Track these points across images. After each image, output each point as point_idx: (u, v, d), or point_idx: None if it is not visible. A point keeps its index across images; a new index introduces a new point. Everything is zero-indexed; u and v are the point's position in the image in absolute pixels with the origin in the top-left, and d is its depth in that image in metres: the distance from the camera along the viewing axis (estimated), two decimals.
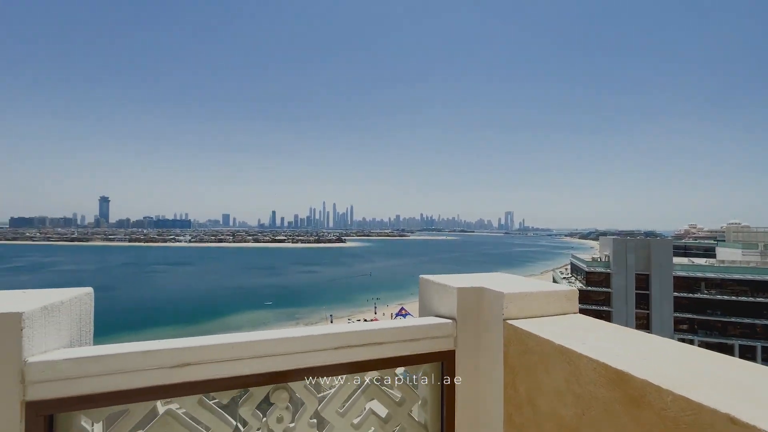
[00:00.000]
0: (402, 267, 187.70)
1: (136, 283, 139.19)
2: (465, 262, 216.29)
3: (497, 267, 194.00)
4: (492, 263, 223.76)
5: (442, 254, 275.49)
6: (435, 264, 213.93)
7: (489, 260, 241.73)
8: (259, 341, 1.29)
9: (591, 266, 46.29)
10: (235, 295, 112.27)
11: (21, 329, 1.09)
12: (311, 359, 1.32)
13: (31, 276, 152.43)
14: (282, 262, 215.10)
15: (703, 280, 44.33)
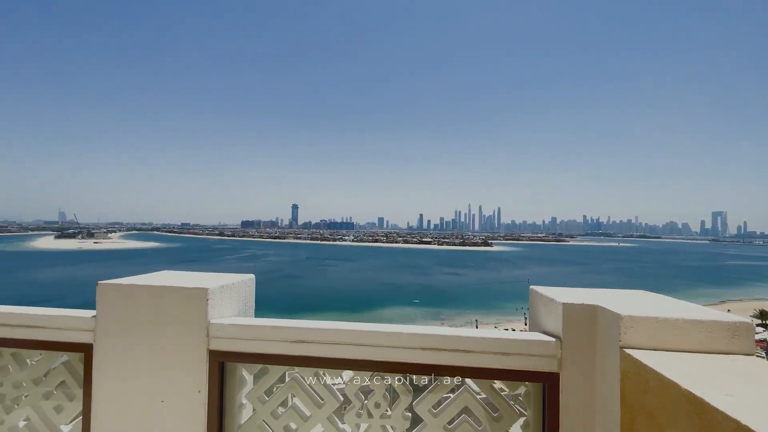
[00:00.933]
0: (556, 276, 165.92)
1: (314, 273, 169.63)
2: (642, 276, 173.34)
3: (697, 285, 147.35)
4: (689, 279, 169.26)
5: (611, 263, 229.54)
6: (598, 275, 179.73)
7: (685, 275, 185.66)
8: (356, 331, 1.48)
9: None
10: (387, 290, 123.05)
11: (207, 299, 1.60)
12: (400, 355, 1.43)
13: (250, 263, 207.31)
14: (428, 263, 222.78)
15: None
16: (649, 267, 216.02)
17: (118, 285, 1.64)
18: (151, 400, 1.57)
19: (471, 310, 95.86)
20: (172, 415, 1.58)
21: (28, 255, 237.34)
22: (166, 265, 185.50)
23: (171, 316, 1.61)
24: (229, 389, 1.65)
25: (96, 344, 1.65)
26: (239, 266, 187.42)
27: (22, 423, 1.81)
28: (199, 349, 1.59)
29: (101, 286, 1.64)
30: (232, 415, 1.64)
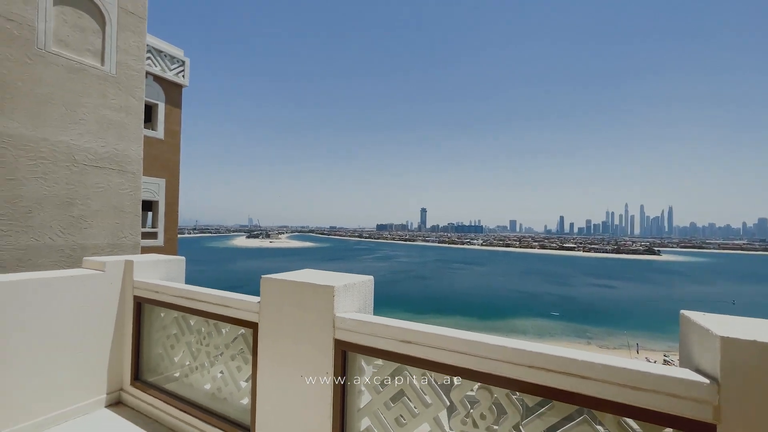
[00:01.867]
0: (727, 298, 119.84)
1: (441, 276, 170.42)
2: None
3: None
4: None
5: None
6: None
7: None
8: (458, 339, 1.50)
9: None
10: (519, 299, 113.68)
11: (333, 296, 1.91)
12: (505, 369, 1.37)
13: (383, 263, 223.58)
14: (570, 272, 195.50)
15: None
16: None
17: (274, 279, 2.14)
18: (294, 374, 1.97)
19: (628, 331, 79.45)
20: (309, 390, 1.98)
21: (230, 250, 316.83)
22: (318, 261, 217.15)
23: (308, 306, 2.00)
24: (350, 375, 1.92)
25: (260, 324, 2.19)
26: (374, 265, 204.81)
27: (218, 374, 2.60)
28: (328, 337, 1.89)
29: (264, 279, 2.18)
30: (353, 400, 1.91)
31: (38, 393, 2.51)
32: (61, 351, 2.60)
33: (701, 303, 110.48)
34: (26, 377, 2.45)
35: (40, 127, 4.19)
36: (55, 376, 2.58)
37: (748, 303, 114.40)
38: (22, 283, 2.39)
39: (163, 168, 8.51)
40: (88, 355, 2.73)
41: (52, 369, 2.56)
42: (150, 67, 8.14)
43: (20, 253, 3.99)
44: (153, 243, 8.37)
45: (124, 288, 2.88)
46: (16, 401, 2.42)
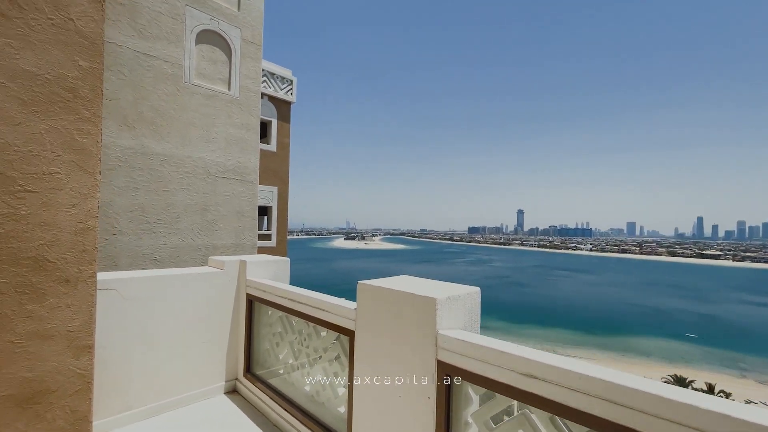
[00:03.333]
0: None
1: (542, 283, 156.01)
2: None
3: None
4: None
5: None
6: None
7: None
8: (614, 385, 1.14)
9: None
10: (640, 314, 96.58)
11: (435, 309, 1.70)
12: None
13: (476, 267, 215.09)
14: (714, 285, 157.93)
15: None
16: None
17: (370, 286, 2.01)
18: (391, 393, 1.85)
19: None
20: (406, 413, 1.79)
21: (330, 251, 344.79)
22: (410, 263, 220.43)
23: (407, 319, 1.81)
24: (455, 403, 1.67)
25: (356, 332, 2.10)
26: (466, 269, 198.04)
27: (317, 377, 2.57)
28: (429, 357, 1.71)
29: (361, 286, 2.07)
30: (458, 431, 1.67)
31: (175, 375, 2.88)
32: (192, 339, 2.95)
33: None
34: (167, 361, 2.83)
35: (186, 147, 5.04)
36: (188, 362, 2.94)
37: None
38: (163, 279, 2.79)
39: (276, 177, 9.51)
40: (211, 345, 3.08)
41: (186, 355, 2.93)
42: (265, 89, 9.23)
43: (171, 251, 4.85)
44: (267, 244, 9.39)
45: (239, 286, 3.16)
46: (159, 381, 2.80)
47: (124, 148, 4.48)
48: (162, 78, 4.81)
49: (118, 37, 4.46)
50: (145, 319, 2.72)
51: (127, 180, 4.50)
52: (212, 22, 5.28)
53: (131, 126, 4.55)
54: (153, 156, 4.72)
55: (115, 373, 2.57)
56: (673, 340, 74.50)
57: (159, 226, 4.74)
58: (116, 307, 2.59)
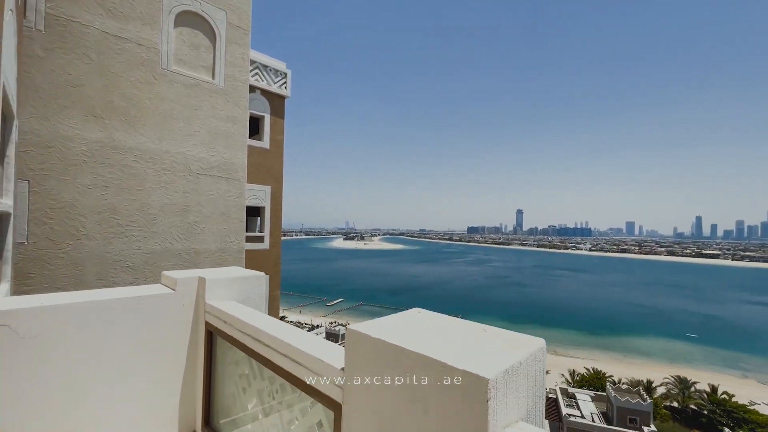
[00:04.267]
0: None
1: (542, 283, 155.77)
2: None
3: None
4: None
5: None
6: None
7: None
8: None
9: None
10: (641, 314, 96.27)
11: (486, 397, 0.89)
12: None
13: (476, 267, 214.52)
14: (713, 285, 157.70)
15: None
16: None
17: (366, 337, 1.20)
18: None
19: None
20: None
21: (329, 251, 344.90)
22: (409, 263, 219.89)
23: (433, 412, 1.00)
24: None
25: (345, 407, 1.33)
26: (466, 269, 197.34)
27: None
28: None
29: (350, 333, 1.25)
30: None
31: (108, 428, 2.06)
32: (130, 384, 2.13)
33: None
34: (93, 416, 2.00)
35: (164, 140, 4.54)
36: (124, 415, 2.12)
37: None
38: (83, 307, 1.93)
39: (269, 175, 9.01)
40: (158, 390, 2.24)
41: (121, 405, 2.11)
42: (257, 82, 8.73)
43: (147, 257, 4.35)
44: (260, 246, 8.89)
45: (197, 311, 2.32)
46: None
47: (90, 141, 3.97)
48: (135, 63, 4.31)
49: (83, 16, 3.96)
50: (56, 363, 1.87)
51: (94, 177, 3.99)
52: (194, 3, 4.77)
53: (99, 116, 4.04)
54: (125, 150, 4.22)
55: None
56: (674, 340, 74.08)
57: (132, 228, 4.23)
58: (7, 348, 1.74)
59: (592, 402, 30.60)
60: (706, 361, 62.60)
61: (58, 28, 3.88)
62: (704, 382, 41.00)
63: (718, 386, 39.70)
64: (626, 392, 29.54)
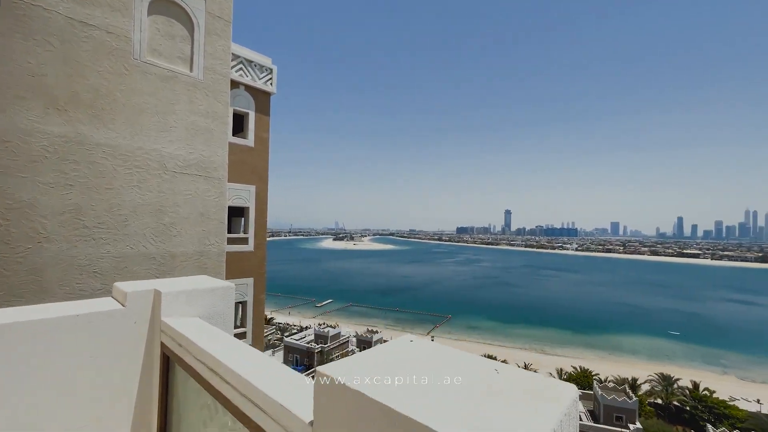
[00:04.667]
0: None
1: (530, 283, 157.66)
2: None
3: None
4: None
5: None
6: None
7: None
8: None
9: None
10: (626, 313, 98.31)
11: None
12: None
13: (465, 267, 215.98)
14: (694, 283, 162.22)
15: None
16: None
17: (342, 388, 0.87)
18: None
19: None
20: None
21: (318, 251, 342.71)
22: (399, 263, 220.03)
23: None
24: None
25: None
26: (455, 269, 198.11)
27: None
28: None
29: (321, 378, 0.92)
30: None
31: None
32: (72, 415, 1.76)
33: None
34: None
35: (137, 136, 4.23)
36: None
37: None
38: (16, 327, 1.58)
39: (254, 174, 8.71)
40: (107, 421, 1.87)
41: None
42: (242, 78, 8.41)
43: (117, 262, 4.04)
44: (244, 248, 8.58)
45: (152, 331, 1.95)
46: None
47: (52, 135, 3.65)
48: (104, 52, 3.99)
49: (45, 0, 3.64)
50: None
51: (57, 175, 3.67)
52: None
53: (62, 109, 3.72)
54: (92, 146, 3.90)
55: None
56: (657, 338, 75.77)
57: (100, 231, 3.92)
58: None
59: (579, 401, 30.98)
60: (688, 358, 64.18)
61: (17, 12, 3.55)
62: (686, 379, 41.96)
63: (700, 383, 40.65)
64: (612, 390, 29.96)
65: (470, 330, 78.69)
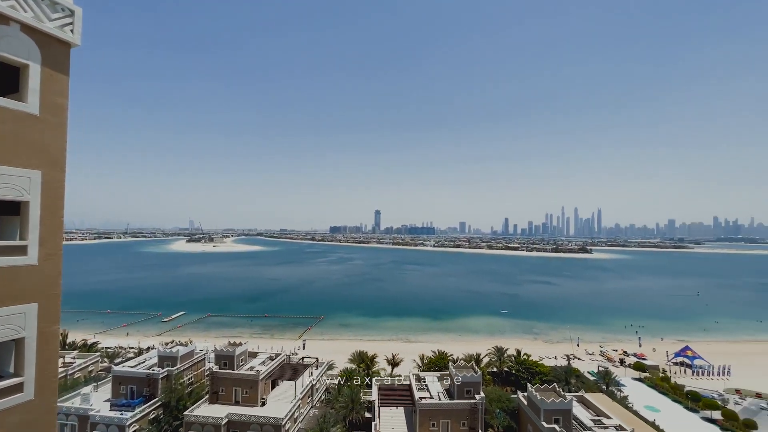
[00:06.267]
0: (680, 290, 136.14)
1: (396, 278, 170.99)
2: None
3: None
4: None
5: (764, 278, 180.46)
6: (748, 291, 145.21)
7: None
8: None
9: None
10: (471, 298, 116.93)
11: None
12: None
13: (339, 266, 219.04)
14: (516, 271, 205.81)
15: None
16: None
17: None
18: None
19: (569, 325, 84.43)
20: None
21: (168, 255, 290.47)
22: (269, 265, 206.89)
23: None
24: None
25: None
26: (329, 269, 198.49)
27: None
28: None
29: None
30: None
31: None
32: None
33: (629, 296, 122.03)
34: None
35: None
36: None
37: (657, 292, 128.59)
38: None
39: (40, 155, 6.12)
40: None
41: None
42: (16, 12, 5.77)
43: None
44: (20, 262, 5.95)
45: None
46: None
47: None
48: None
49: None
50: None
51: None
52: None
53: None
54: None
55: None
56: (493, 317, 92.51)
57: None
58: None
59: (438, 382, 34.67)
60: (513, 331, 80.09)
61: None
62: (513, 348, 52.09)
63: (521, 349, 51.08)
64: (463, 368, 34.59)
65: (342, 328, 79.92)
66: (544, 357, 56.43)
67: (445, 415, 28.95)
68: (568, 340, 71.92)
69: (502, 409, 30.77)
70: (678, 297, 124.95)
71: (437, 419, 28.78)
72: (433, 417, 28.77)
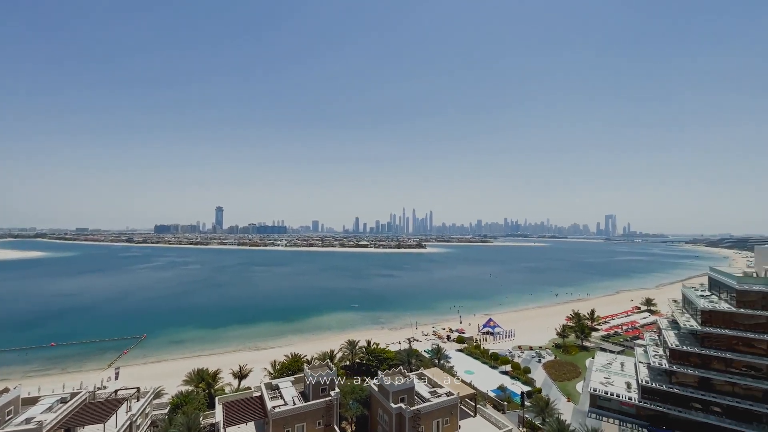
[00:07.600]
0: (481, 274, 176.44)
1: (243, 281, 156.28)
2: (556, 272, 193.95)
3: (597, 278, 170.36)
4: (590, 273, 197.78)
5: (530, 262, 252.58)
6: (523, 273, 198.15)
7: (587, 270, 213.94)
8: None
9: (745, 283, 35.21)
10: (324, 296, 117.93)
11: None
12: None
13: (168, 272, 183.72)
14: (366, 266, 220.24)
15: None
16: (562, 264, 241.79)
17: None
18: None
19: (409, 312, 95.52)
20: None
21: None
22: (57, 277, 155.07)
23: None
24: None
25: None
26: (156, 276, 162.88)
27: None
28: None
29: None
30: None
31: None
32: None
33: (452, 282, 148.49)
34: None
35: None
36: None
37: (468, 277, 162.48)
38: None
39: None
40: None
41: None
42: None
43: None
44: None
45: None
46: None
47: None
48: None
49: None
50: None
51: None
52: None
53: None
54: None
55: None
56: (345, 312, 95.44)
57: None
58: None
59: (293, 386, 32.92)
60: (362, 323, 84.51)
61: None
62: (363, 339, 54.86)
63: (371, 339, 54.30)
64: (318, 367, 34.00)
65: (173, 346, 67.29)
66: (390, 343, 61.76)
67: (300, 419, 27.76)
68: (409, 325, 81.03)
69: (355, 400, 31.69)
70: (482, 281, 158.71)
71: (292, 425, 27.30)
72: (288, 424, 27.15)
